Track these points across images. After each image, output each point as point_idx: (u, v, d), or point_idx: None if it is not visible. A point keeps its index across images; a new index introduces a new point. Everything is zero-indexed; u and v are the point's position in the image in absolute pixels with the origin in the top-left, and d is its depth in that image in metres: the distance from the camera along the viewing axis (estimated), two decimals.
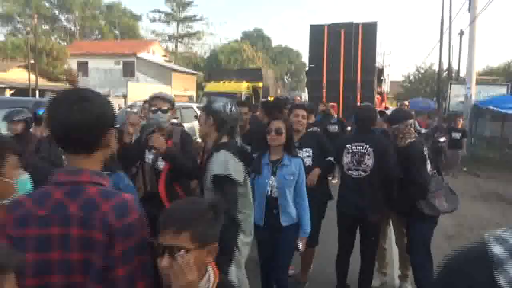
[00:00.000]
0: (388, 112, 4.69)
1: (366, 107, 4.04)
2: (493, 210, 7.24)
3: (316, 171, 3.61)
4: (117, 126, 3.67)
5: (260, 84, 14.32)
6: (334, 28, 11.67)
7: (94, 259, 1.21)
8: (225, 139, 2.54)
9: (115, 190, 1.33)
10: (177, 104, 11.21)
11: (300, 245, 2.93)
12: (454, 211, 3.51)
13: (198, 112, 11.13)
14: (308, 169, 3.45)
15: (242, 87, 13.60)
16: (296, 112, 3.68)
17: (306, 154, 3.61)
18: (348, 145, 3.43)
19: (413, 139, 3.38)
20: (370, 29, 11.56)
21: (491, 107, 11.93)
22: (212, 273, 1.34)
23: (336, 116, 8.45)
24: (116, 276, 1.20)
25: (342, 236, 3.60)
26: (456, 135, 10.66)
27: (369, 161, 3.31)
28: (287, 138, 2.95)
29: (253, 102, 13.58)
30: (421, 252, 3.36)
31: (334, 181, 7.23)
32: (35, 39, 20.78)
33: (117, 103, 22.62)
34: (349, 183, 3.44)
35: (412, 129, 3.43)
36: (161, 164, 3.00)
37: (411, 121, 3.45)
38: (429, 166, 3.32)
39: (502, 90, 14.66)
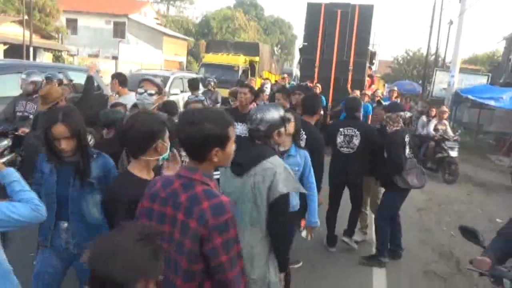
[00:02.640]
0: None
1: (353, 98, 5.17)
2: (461, 189, 8.19)
3: None
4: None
5: (257, 59, 14.77)
6: (331, 8, 11.66)
7: (185, 242, 1.51)
8: None
9: (217, 192, 1.59)
10: (181, 74, 11.51)
11: (305, 234, 3.03)
12: (424, 188, 4.45)
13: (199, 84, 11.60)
14: (244, 140, 4.11)
15: (240, 60, 14.03)
16: (242, 89, 4.54)
17: (245, 127, 4.04)
18: (341, 129, 4.43)
19: (399, 128, 4.18)
20: (366, 11, 11.57)
21: (470, 96, 12.78)
22: None
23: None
24: (221, 262, 1.49)
25: (333, 197, 4.57)
26: None
27: (356, 141, 4.33)
28: (296, 129, 3.13)
29: (249, 76, 14.14)
30: (385, 217, 4.28)
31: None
32: None
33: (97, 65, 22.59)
34: (341, 157, 4.43)
35: (401, 119, 4.20)
36: None
37: (402, 113, 4.27)
38: (407, 151, 4.12)
39: (483, 80, 15.56)
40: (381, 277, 4.05)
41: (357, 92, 9.78)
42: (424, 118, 9.61)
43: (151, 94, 3.12)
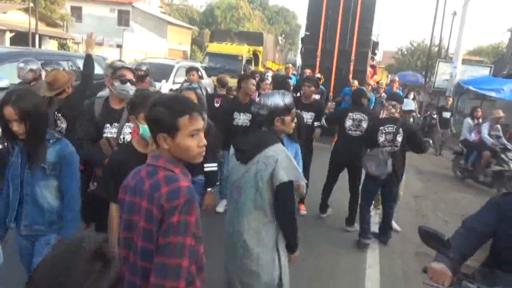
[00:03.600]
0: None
1: (360, 90, 5.52)
2: (457, 178, 8.38)
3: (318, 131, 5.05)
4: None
5: (261, 49, 14.91)
6: None
7: (154, 229, 1.50)
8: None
9: (178, 177, 1.54)
10: (186, 63, 11.70)
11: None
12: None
13: (204, 73, 11.77)
14: (244, 129, 4.55)
15: (244, 50, 14.16)
16: (252, 81, 4.79)
17: (247, 117, 4.65)
18: (350, 113, 4.84)
19: (386, 116, 4.51)
20: (369, 1, 11.50)
21: (471, 87, 12.88)
22: None
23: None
24: (168, 242, 1.45)
25: (332, 174, 5.06)
26: (447, 115, 10.84)
27: (364, 124, 4.78)
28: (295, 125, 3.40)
29: (253, 65, 14.26)
30: (363, 199, 4.59)
31: None
32: None
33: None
34: (347, 140, 4.83)
35: (392, 108, 4.41)
36: (128, 136, 2.92)
37: (394, 102, 4.49)
38: (381, 139, 4.33)
39: (485, 71, 15.62)
40: (374, 256, 4.29)
41: (356, 82, 9.85)
42: (469, 120, 8.52)
43: (133, 82, 3.02)
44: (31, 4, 19.82)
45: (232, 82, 8.17)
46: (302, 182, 2.57)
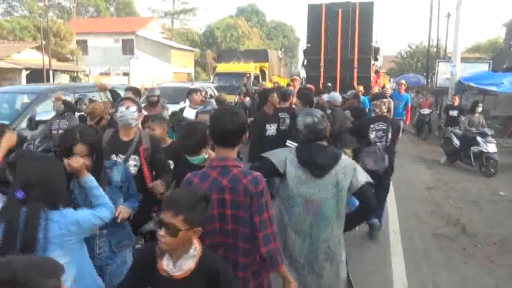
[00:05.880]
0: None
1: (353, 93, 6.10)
2: (466, 171, 8.82)
3: None
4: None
5: (266, 65, 15.59)
6: (332, 7, 12.09)
7: (240, 213, 1.88)
8: None
9: (249, 170, 1.99)
10: (199, 84, 12.31)
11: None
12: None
13: (216, 92, 12.40)
14: (272, 138, 4.89)
15: (250, 67, 14.83)
16: (275, 95, 5.15)
17: (275, 127, 5.02)
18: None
19: (375, 115, 4.77)
20: (367, 8, 11.99)
21: (472, 83, 13.36)
22: (197, 245, 1.70)
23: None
24: (255, 222, 1.88)
25: None
26: (453, 113, 11.07)
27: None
28: (331, 133, 3.84)
29: (260, 81, 14.92)
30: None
31: None
32: (47, 22, 21.60)
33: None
34: None
35: (383, 105, 4.67)
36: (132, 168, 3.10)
37: (384, 100, 4.80)
38: (372, 136, 4.58)
39: (484, 67, 16.09)
40: (397, 237, 4.80)
41: (361, 88, 10.14)
42: None
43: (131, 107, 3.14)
44: (43, 42, 20.85)
45: (230, 98, 8.87)
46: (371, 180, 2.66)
